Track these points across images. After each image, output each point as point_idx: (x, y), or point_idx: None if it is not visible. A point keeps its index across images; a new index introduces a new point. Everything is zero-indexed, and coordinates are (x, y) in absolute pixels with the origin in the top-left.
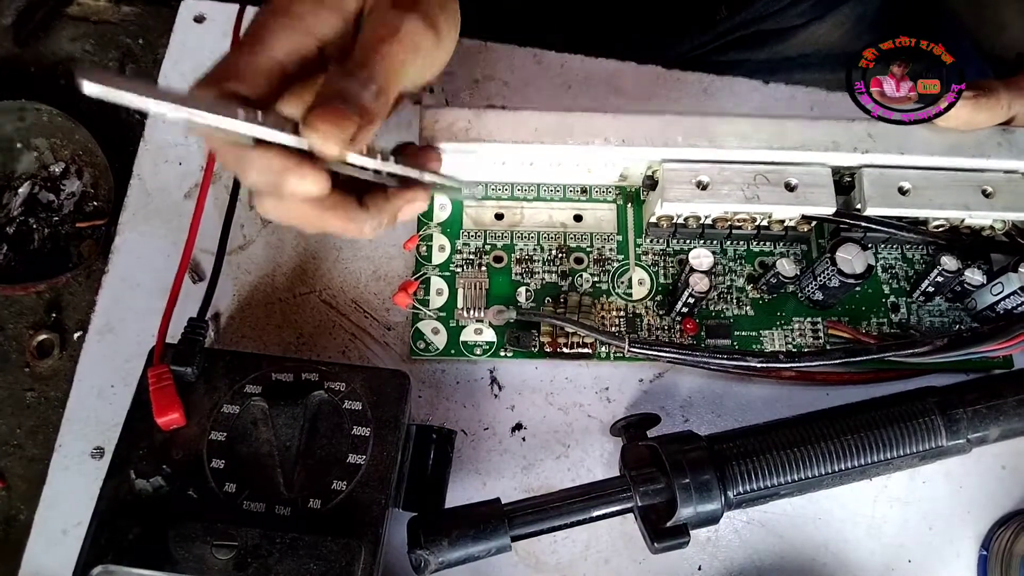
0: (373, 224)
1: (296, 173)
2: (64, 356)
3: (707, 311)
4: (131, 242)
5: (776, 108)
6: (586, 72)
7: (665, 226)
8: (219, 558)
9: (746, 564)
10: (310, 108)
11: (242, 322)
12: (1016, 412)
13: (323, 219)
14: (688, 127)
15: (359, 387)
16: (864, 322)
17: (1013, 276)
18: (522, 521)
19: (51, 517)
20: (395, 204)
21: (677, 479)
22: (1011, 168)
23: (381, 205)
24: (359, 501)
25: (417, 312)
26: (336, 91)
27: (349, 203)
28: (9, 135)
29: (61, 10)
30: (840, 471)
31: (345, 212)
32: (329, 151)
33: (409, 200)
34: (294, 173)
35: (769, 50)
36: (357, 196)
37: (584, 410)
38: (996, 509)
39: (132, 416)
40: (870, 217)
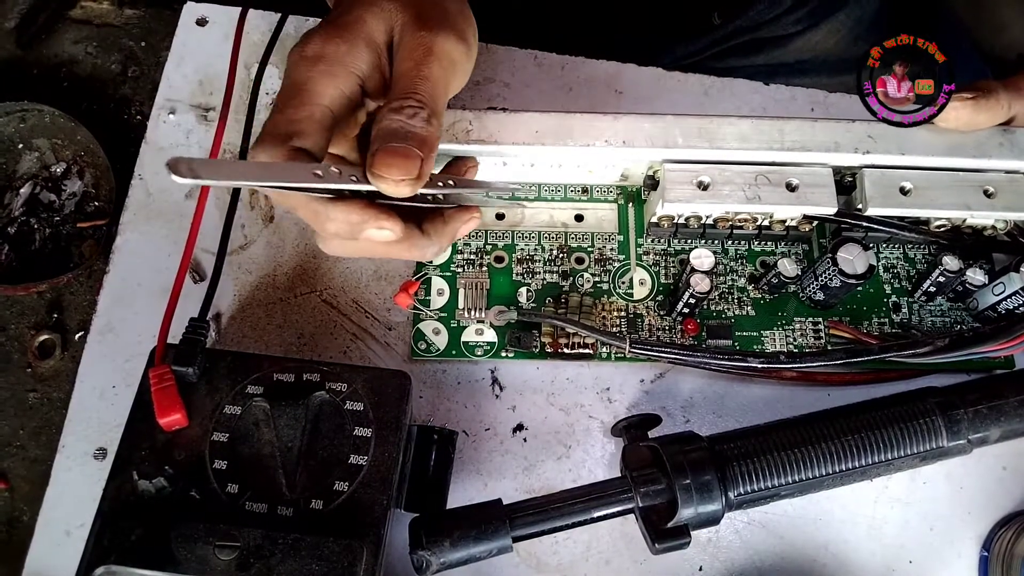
0: (435, 249)
1: (375, 224)
2: (66, 356)
3: (708, 311)
4: (132, 242)
5: (776, 110)
6: (587, 74)
7: (666, 226)
8: (221, 559)
9: (747, 565)
10: (372, 154)
11: (243, 322)
12: (1017, 413)
13: (390, 252)
14: (689, 128)
15: (360, 387)
16: (865, 322)
17: (1015, 276)
18: (523, 522)
19: (54, 518)
20: (453, 226)
21: (678, 480)
22: (1012, 168)
23: (441, 229)
24: (361, 502)
25: (418, 312)
26: (391, 131)
27: (413, 234)
28: (11, 136)
29: (64, 13)
30: (841, 472)
31: (411, 243)
32: (402, 193)
33: (466, 221)
34: (373, 224)
35: (766, 56)
36: (416, 222)
37: (585, 411)
38: (997, 510)
39: (134, 417)
40: (871, 217)
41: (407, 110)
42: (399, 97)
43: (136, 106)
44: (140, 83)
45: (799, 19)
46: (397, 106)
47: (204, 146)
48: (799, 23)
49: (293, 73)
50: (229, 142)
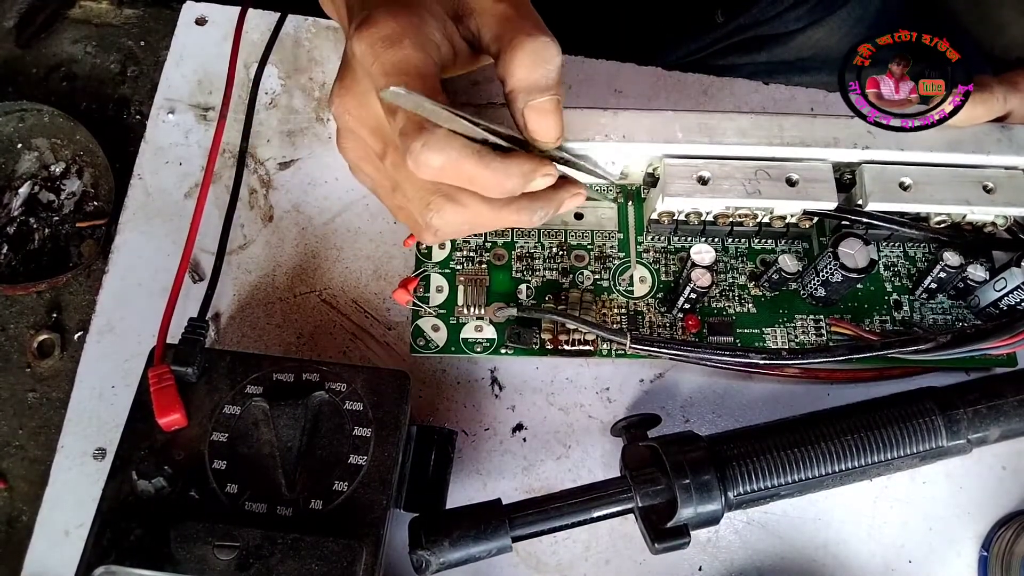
0: (542, 214)
1: (542, 171)
2: (65, 356)
3: (709, 308)
4: (131, 242)
5: (776, 109)
6: (586, 73)
7: (666, 223)
8: (221, 559)
9: (746, 565)
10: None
11: (242, 322)
12: (1017, 412)
13: (500, 216)
14: (689, 123)
15: (360, 387)
16: (867, 319)
17: (1016, 271)
18: (523, 521)
19: (53, 518)
20: (561, 195)
21: (678, 480)
22: (1011, 164)
23: (550, 194)
24: (360, 502)
25: (417, 309)
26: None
27: (523, 196)
28: (10, 135)
29: (63, 12)
30: (840, 472)
31: (519, 205)
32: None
33: (573, 194)
34: (541, 171)
35: (767, 54)
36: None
37: (585, 410)
38: (997, 510)
39: (133, 417)
40: (871, 213)
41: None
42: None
43: (135, 106)
44: (139, 83)
45: (800, 16)
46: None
47: (204, 146)
48: (800, 20)
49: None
50: (228, 142)
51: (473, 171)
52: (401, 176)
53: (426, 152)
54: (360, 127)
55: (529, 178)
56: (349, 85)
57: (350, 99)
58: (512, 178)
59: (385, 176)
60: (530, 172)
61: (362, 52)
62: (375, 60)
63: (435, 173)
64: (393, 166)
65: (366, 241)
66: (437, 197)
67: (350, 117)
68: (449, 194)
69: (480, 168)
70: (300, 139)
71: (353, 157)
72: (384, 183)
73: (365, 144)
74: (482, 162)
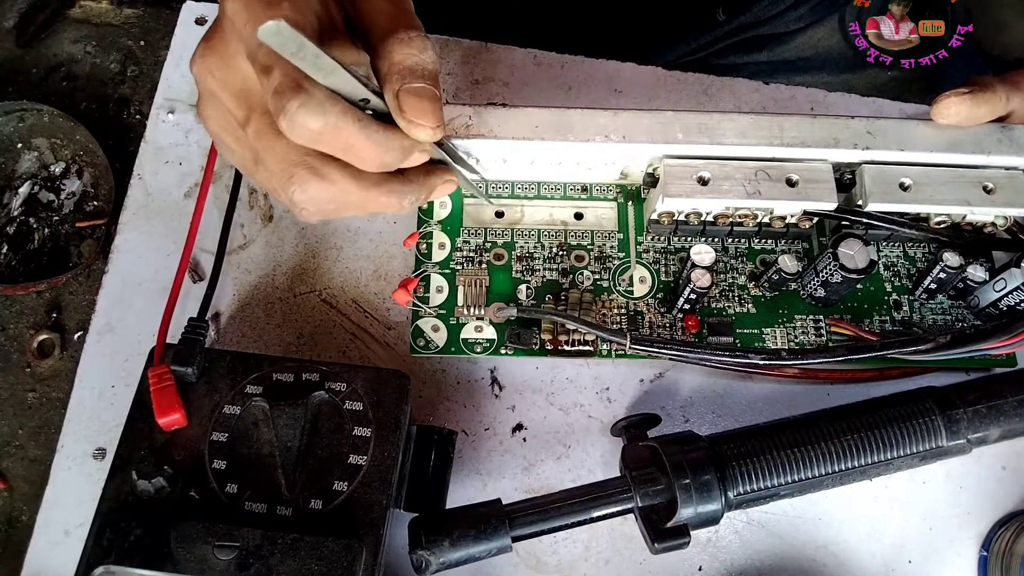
0: (412, 198)
1: (420, 146)
2: (65, 356)
3: (708, 309)
4: (131, 242)
5: (776, 109)
6: (586, 73)
7: (666, 223)
8: (221, 559)
9: (746, 565)
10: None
11: (242, 322)
12: (1016, 412)
13: (369, 197)
14: (689, 123)
15: (360, 387)
16: (866, 320)
17: (1016, 272)
18: (523, 521)
19: (53, 518)
20: (433, 181)
21: (678, 480)
22: (1011, 164)
23: (422, 179)
24: (360, 502)
25: (417, 309)
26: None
27: (394, 178)
28: (9, 135)
29: (63, 12)
30: (840, 471)
31: (389, 187)
32: (433, 138)
33: (445, 180)
34: (419, 146)
35: (768, 53)
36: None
37: (585, 410)
38: (996, 509)
39: (133, 417)
40: (871, 213)
41: (417, 42)
42: (404, 27)
43: (135, 105)
44: (139, 82)
45: (802, 16)
46: (406, 37)
47: (203, 145)
48: (802, 20)
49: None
50: None
51: (352, 138)
52: (263, 145)
53: (303, 112)
54: (223, 90)
55: (408, 152)
56: (215, 45)
57: (214, 59)
58: (391, 151)
59: (247, 147)
60: (410, 146)
61: (235, 9)
62: (250, 18)
63: (311, 137)
64: (256, 134)
65: (366, 241)
66: (301, 170)
67: (212, 79)
68: (315, 167)
69: (360, 136)
70: None
71: (215, 127)
72: (246, 155)
73: (227, 111)
74: (363, 130)
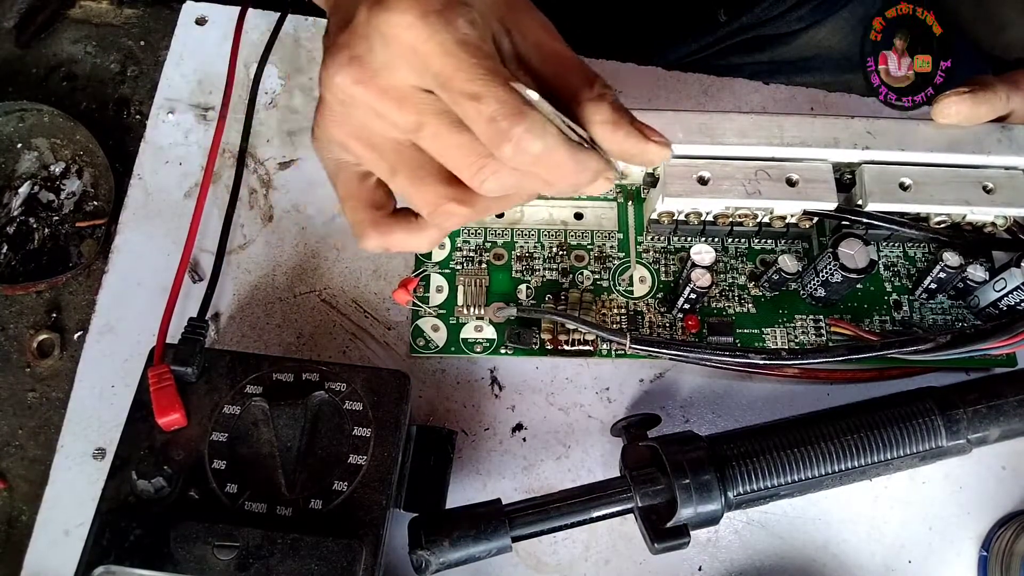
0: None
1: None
2: (65, 356)
3: (709, 308)
4: (131, 242)
5: (776, 109)
6: None
7: (666, 223)
8: (220, 559)
9: (746, 565)
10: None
11: (242, 322)
12: (1016, 412)
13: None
14: (689, 123)
15: (360, 387)
16: (866, 320)
17: (1016, 271)
18: (523, 521)
19: (53, 518)
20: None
21: (677, 480)
22: (1011, 164)
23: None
24: (360, 502)
25: (417, 309)
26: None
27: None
28: (9, 135)
29: (63, 12)
30: (840, 472)
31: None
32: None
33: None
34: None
35: (770, 53)
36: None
37: (584, 410)
38: (996, 510)
39: (133, 416)
40: (871, 213)
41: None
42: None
43: (135, 105)
44: (139, 82)
45: (803, 16)
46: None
47: (203, 145)
48: (803, 20)
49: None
50: (228, 142)
51: (562, 160)
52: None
53: (529, 137)
54: (379, 99)
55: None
56: (363, 55)
57: (362, 69)
58: (587, 171)
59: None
60: (602, 169)
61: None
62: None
63: (530, 160)
64: (434, 137)
65: None
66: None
67: (363, 89)
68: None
69: (568, 157)
70: (300, 139)
71: (342, 134)
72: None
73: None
74: (571, 151)
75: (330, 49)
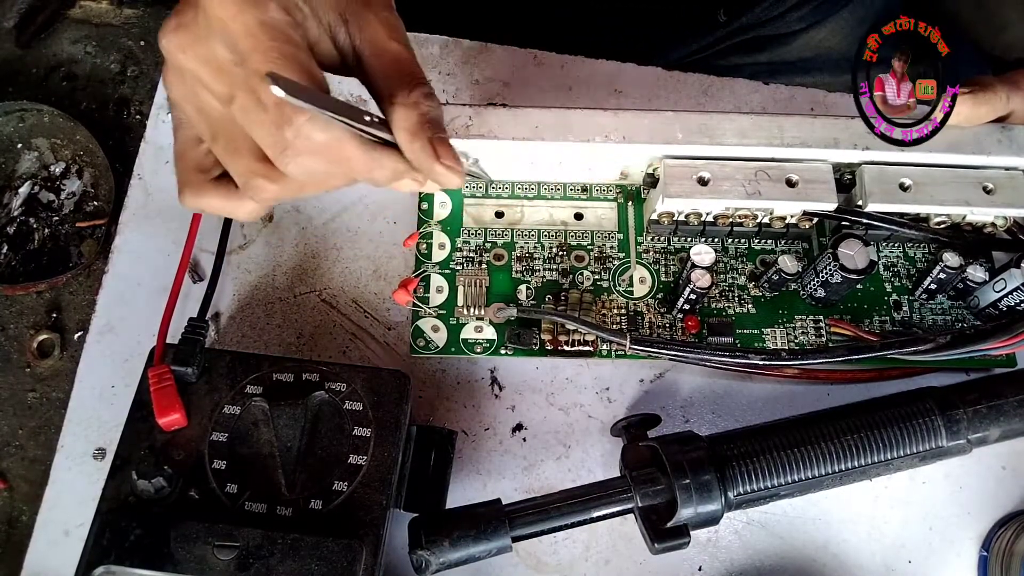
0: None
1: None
2: (65, 356)
3: (708, 309)
4: (131, 242)
5: (776, 109)
6: (587, 73)
7: (666, 223)
8: (221, 559)
9: (746, 565)
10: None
11: (242, 322)
12: (1017, 412)
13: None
14: (689, 124)
15: (360, 387)
16: (866, 320)
17: (1016, 272)
18: (523, 521)
19: (53, 518)
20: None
21: (678, 480)
22: (1011, 165)
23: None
24: (360, 502)
25: (417, 309)
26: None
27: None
28: (10, 135)
29: (63, 12)
30: (840, 472)
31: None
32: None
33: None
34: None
35: (769, 54)
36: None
37: (584, 410)
38: (996, 510)
39: (133, 416)
40: (871, 214)
41: (434, 96)
42: (421, 77)
43: (135, 105)
44: (139, 82)
45: (803, 16)
46: (429, 91)
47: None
48: (803, 21)
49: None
50: None
51: (352, 153)
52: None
53: (309, 126)
54: (199, 67)
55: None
56: (188, 23)
57: (187, 37)
58: (384, 169)
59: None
60: (403, 171)
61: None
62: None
63: (314, 147)
64: (243, 110)
65: (366, 241)
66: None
67: (184, 55)
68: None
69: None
70: None
71: (177, 95)
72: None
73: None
74: (362, 145)
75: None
